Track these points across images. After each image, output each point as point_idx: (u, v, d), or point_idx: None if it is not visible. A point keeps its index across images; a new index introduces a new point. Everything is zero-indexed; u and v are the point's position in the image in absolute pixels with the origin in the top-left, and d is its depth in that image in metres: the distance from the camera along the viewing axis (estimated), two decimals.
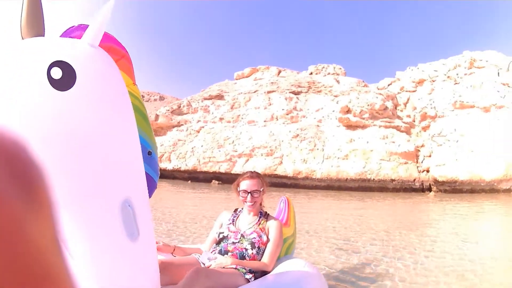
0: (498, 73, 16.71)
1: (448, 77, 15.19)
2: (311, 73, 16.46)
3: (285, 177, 14.74)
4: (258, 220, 2.04)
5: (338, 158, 14.56)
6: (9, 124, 0.92)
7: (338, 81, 15.56)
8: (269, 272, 1.84)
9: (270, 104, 14.83)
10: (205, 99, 15.78)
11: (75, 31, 1.32)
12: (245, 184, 1.98)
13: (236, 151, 14.98)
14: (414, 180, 14.96)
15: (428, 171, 15.12)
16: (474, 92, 15.46)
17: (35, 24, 1.15)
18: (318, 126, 14.36)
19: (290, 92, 14.82)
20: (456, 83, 15.07)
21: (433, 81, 15.47)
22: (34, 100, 0.96)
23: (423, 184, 15.06)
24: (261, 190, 1.98)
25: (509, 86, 16.77)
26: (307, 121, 14.48)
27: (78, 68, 1.01)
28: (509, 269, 3.48)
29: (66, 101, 0.98)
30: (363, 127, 14.44)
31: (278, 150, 14.71)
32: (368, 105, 14.30)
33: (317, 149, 14.55)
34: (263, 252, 1.90)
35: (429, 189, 14.74)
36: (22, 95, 0.94)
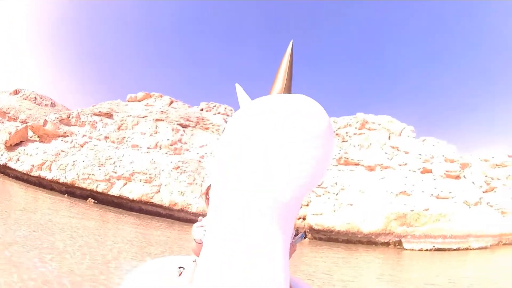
0: (389, 136, 17.82)
1: (337, 134, 15.92)
2: (202, 109, 16.58)
3: (161, 206, 14.52)
4: None
5: None
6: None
7: (226, 122, 15.79)
8: None
9: (157, 132, 14.68)
10: (95, 114, 15.32)
11: None
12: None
13: (116, 173, 14.58)
14: None
15: (304, 219, 15.58)
16: (360, 151, 16.29)
17: (285, 85, 1.13)
18: (200, 161, 14.38)
19: (178, 124, 14.78)
20: (344, 141, 15.81)
21: None
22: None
23: (298, 230, 15.43)
24: None
25: (398, 150, 17.87)
26: (190, 155, 14.46)
27: None
28: None
29: None
30: None
31: (157, 179, 14.50)
32: None
33: (196, 183, 14.52)
34: None
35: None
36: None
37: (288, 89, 1.20)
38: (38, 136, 15.46)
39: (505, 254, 11.58)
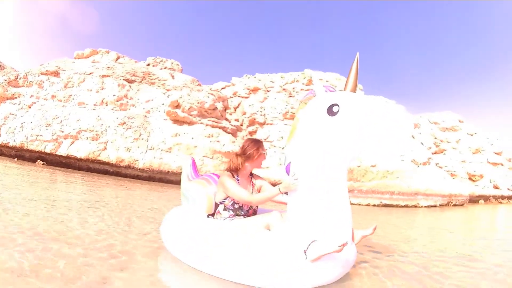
0: None
1: (284, 89, 16.33)
2: (149, 64, 16.89)
3: (108, 164, 14.61)
4: (252, 183, 2.64)
5: (162, 150, 14.78)
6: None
7: (173, 76, 16.11)
8: None
9: (103, 89, 14.88)
10: (42, 74, 15.45)
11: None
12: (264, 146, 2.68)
13: (62, 132, 14.65)
14: None
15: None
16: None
17: (355, 87, 2.27)
18: (146, 116, 14.59)
19: (124, 80, 15.05)
20: (290, 96, 16.23)
21: (268, 91, 16.55)
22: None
23: None
24: None
25: None
26: (136, 110, 14.68)
27: None
28: None
29: None
30: (190, 123, 14.89)
31: (104, 136, 14.62)
32: (198, 102, 14.84)
33: (142, 139, 14.68)
34: None
35: None
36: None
37: (356, 88, 2.27)
38: None
39: (454, 212, 11.51)
